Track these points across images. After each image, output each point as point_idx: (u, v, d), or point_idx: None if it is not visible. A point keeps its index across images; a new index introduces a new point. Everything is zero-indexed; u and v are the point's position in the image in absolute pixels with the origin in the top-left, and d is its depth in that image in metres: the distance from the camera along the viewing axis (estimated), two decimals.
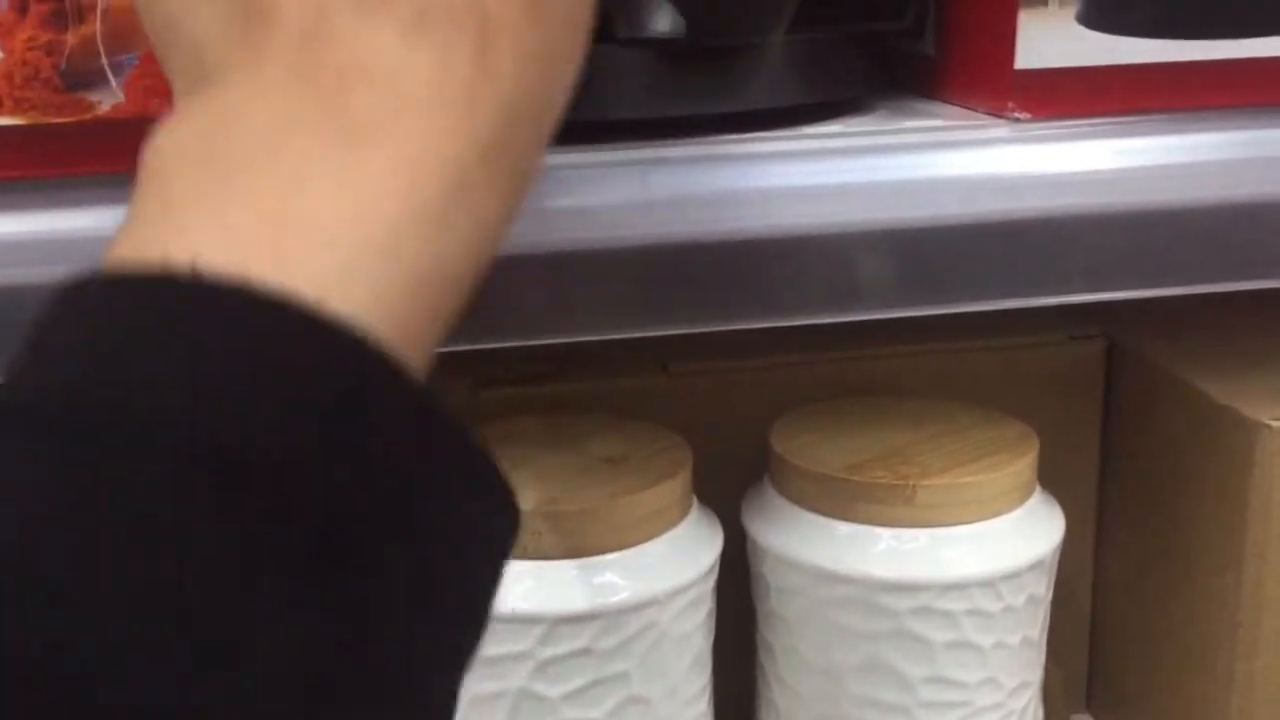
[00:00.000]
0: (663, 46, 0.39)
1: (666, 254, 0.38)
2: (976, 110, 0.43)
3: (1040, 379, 0.54)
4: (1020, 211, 0.40)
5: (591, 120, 0.38)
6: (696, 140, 0.40)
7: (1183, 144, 0.40)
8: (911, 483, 0.45)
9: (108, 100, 0.34)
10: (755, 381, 0.53)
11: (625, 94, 0.40)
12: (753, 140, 0.40)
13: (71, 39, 0.34)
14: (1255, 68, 0.40)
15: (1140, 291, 0.40)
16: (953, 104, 0.46)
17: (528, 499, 0.43)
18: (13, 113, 0.34)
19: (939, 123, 0.42)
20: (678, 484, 0.45)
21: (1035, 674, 0.48)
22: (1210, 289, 0.40)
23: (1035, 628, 0.47)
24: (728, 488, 0.50)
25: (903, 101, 0.48)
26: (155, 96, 0.34)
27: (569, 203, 0.37)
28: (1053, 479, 0.50)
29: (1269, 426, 0.46)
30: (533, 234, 0.36)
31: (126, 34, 0.34)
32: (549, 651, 0.42)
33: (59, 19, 0.34)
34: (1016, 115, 0.40)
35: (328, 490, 0.20)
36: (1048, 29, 0.39)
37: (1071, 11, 0.39)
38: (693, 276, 0.38)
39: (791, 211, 0.39)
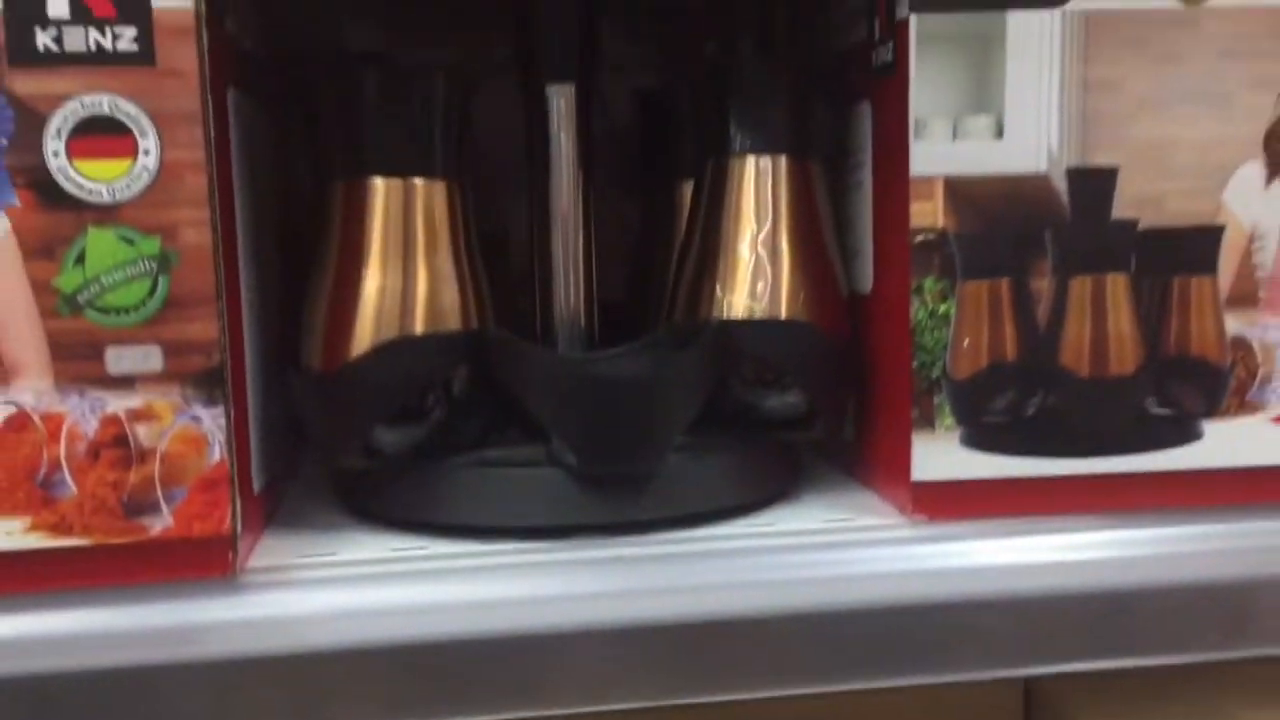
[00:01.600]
0: (579, 472, 0.48)
1: (611, 636, 0.45)
2: (888, 502, 0.51)
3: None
4: (919, 599, 0.47)
5: (530, 526, 0.47)
6: (631, 540, 0.48)
7: (1056, 543, 0.48)
8: None
9: (159, 525, 0.42)
10: None
11: (554, 505, 0.48)
12: (679, 540, 0.47)
13: (134, 478, 0.42)
14: (1105, 481, 0.48)
15: (1021, 670, 0.47)
16: (872, 489, 0.54)
17: None
18: (80, 535, 0.42)
19: (852, 520, 0.50)
20: None
21: None
22: (1079, 668, 0.47)
23: None
24: None
25: (833, 482, 0.56)
26: (198, 520, 0.42)
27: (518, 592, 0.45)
28: None
29: None
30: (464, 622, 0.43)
31: (178, 472, 0.42)
32: None
33: (125, 462, 0.42)
34: (916, 517, 0.48)
35: None
36: (938, 449, 0.48)
37: (956, 435, 0.48)
38: (644, 656, 0.45)
39: (719, 599, 0.46)
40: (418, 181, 0.49)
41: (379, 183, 0.48)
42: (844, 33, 0.54)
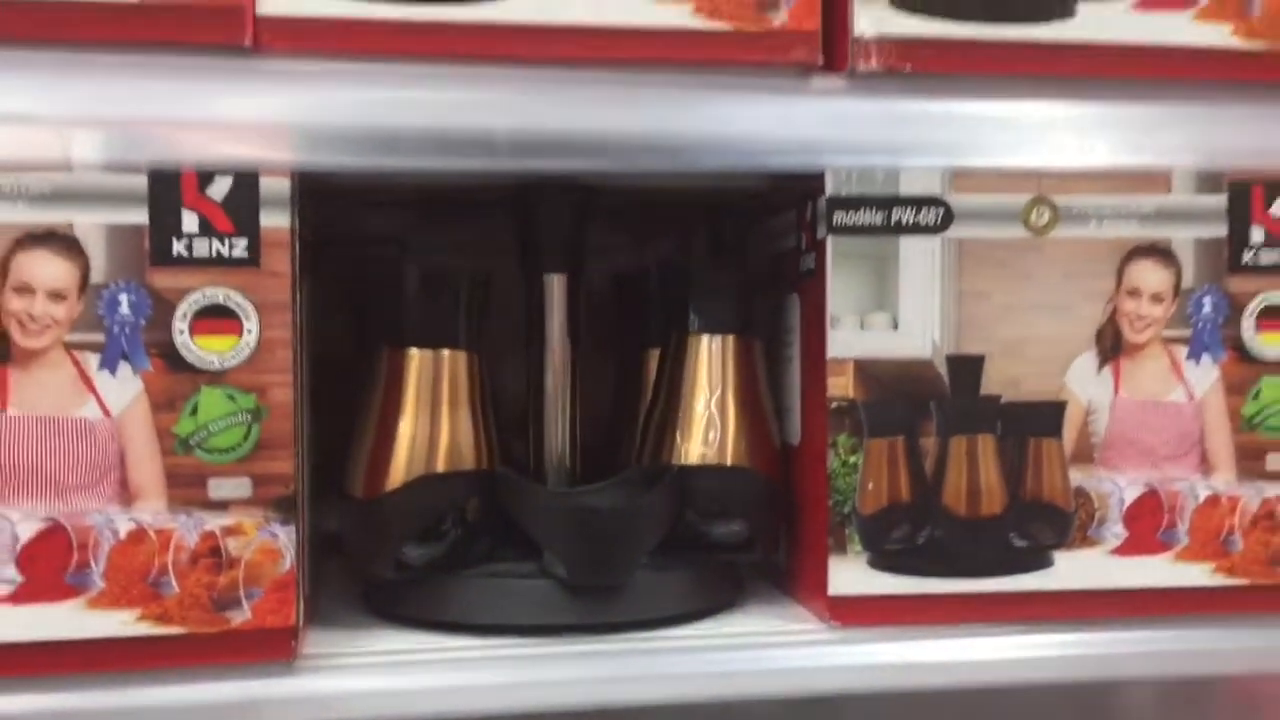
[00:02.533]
0: (567, 582, 0.60)
1: (591, 715, 0.57)
2: (811, 611, 0.63)
3: None
4: (836, 689, 0.59)
5: (527, 625, 0.58)
6: (607, 638, 0.60)
7: (942, 646, 0.60)
8: None
9: (239, 618, 0.54)
10: None
11: (546, 609, 0.60)
12: (646, 639, 0.60)
13: (223, 580, 0.53)
14: (978, 598, 0.61)
15: None
16: (798, 601, 0.66)
17: None
18: (179, 625, 0.53)
19: (783, 626, 0.62)
20: None
21: None
22: None
23: None
24: None
25: (767, 595, 0.68)
26: (270, 615, 0.54)
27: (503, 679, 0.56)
28: None
29: None
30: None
31: (257, 576, 0.54)
32: None
33: (217, 568, 0.53)
34: (833, 624, 0.60)
35: None
36: (850, 569, 0.60)
37: (864, 558, 0.60)
38: None
39: (678, 687, 0.58)
40: (445, 352, 0.62)
41: (415, 352, 0.62)
42: (777, 241, 0.69)
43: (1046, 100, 0.61)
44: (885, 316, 0.61)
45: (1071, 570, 0.62)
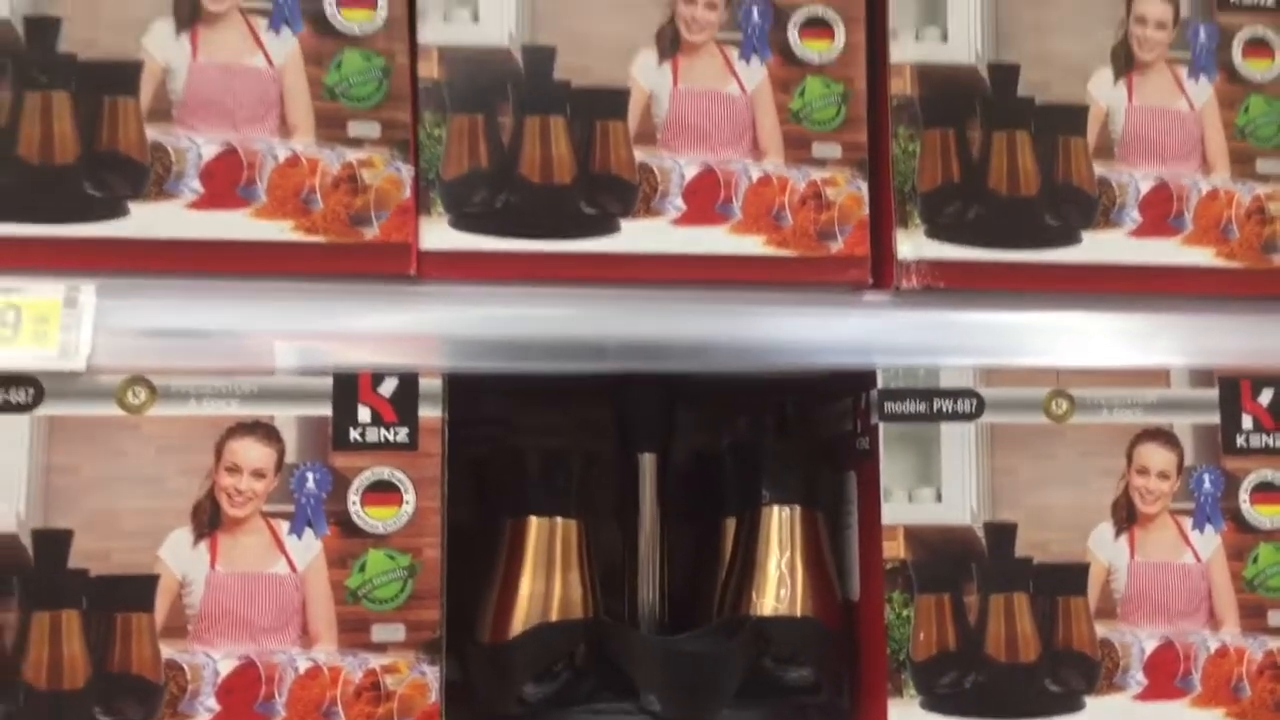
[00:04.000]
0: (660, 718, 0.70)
1: None
2: None
3: None
4: None
5: None
6: None
7: None
8: None
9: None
10: None
11: None
12: None
13: (380, 711, 0.64)
14: None
15: None
16: None
17: None
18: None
19: None
20: None
21: None
22: None
23: None
24: None
25: None
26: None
27: None
28: None
29: None
30: None
31: (409, 708, 0.64)
32: None
33: (376, 700, 0.64)
34: None
35: None
36: (905, 711, 0.70)
37: (918, 700, 0.70)
38: None
39: None
40: (558, 520, 0.73)
41: (534, 520, 0.73)
42: (835, 424, 0.80)
43: (1061, 311, 0.73)
44: (930, 490, 0.72)
45: (1101, 714, 0.71)
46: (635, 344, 0.71)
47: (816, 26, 0.74)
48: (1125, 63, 0.76)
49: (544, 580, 0.73)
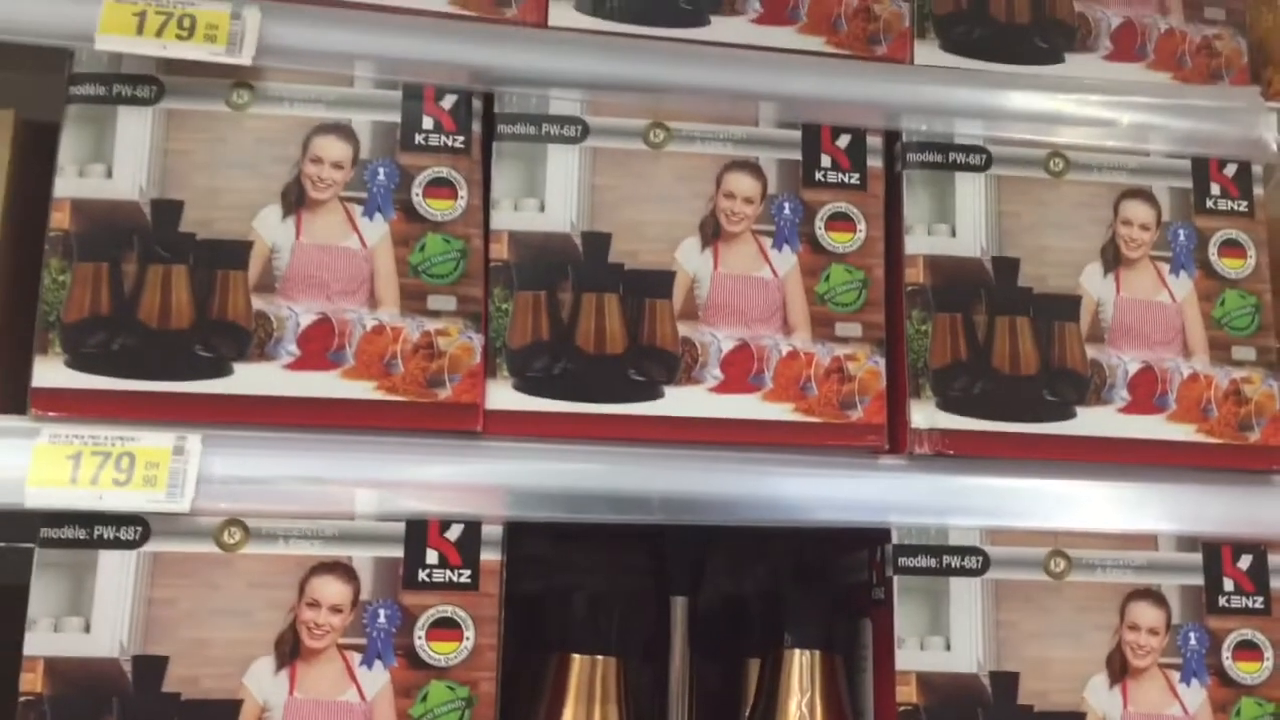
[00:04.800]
0: None
1: None
2: None
3: None
4: None
5: None
6: None
7: None
8: None
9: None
10: None
11: None
12: None
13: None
14: None
15: None
16: None
17: None
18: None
19: None
20: None
21: None
22: None
23: None
24: None
25: None
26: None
27: None
28: None
29: None
30: None
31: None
32: None
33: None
34: None
35: None
36: None
37: None
38: None
39: None
40: (599, 658, 0.80)
41: (577, 658, 0.80)
42: (852, 574, 0.87)
43: (1059, 479, 0.81)
44: (940, 639, 0.79)
45: None
46: (675, 498, 0.78)
47: (841, 220, 0.84)
48: (1113, 259, 0.86)
49: (585, 714, 0.79)
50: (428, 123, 0.80)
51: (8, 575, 0.86)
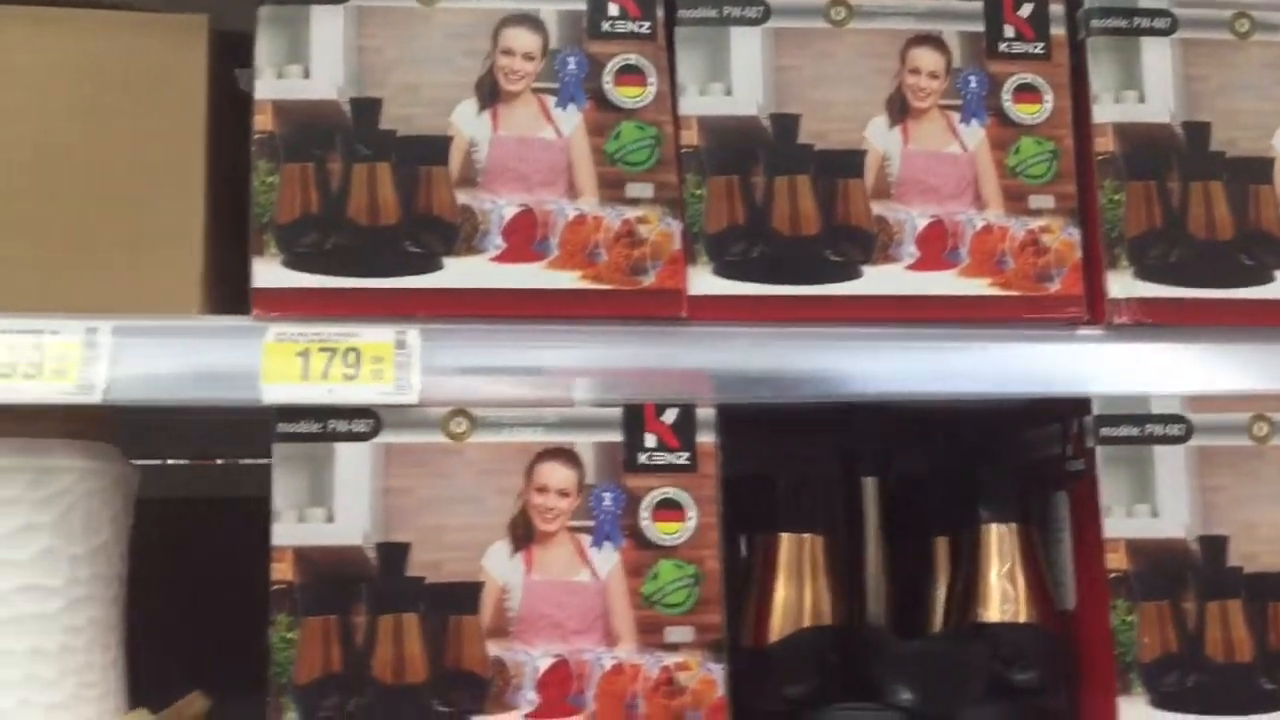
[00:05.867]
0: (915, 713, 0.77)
1: None
2: None
3: None
4: None
5: None
6: None
7: None
8: None
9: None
10: None
11: None
12: None
13: (674, 704, 0.72)
14: None
15: None
16: None
17: None
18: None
19: None
20: None
21: None
22: None
23: None
24: None
25: None
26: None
27: None
28: None
29: None
30: None
31: (700, 701, 0.72)
32: None
33: (670, 694, 0.72)
34: None
35: None
36: (1136, 709, 0.76)
37: (1146, 699, 0.76)
38: None
39: None
40: (805, 535, 0.81)
41: (785, 536, 0.81)
42: (1040, 448, 0.88)
43: (1258, 343, 0.80)
44: (1146, 507, 0.79)
45: None
46: (875, 377, 0.79)
47: (1027, 92, 0.83)
48: (900, 110, 0.81)
49: (796, 590, 0.81)
50: (613, 9, 0.80)
51: (249, 488, 0.86)
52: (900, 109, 0.82)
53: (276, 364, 0.72)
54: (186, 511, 0.99)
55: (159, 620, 0.84)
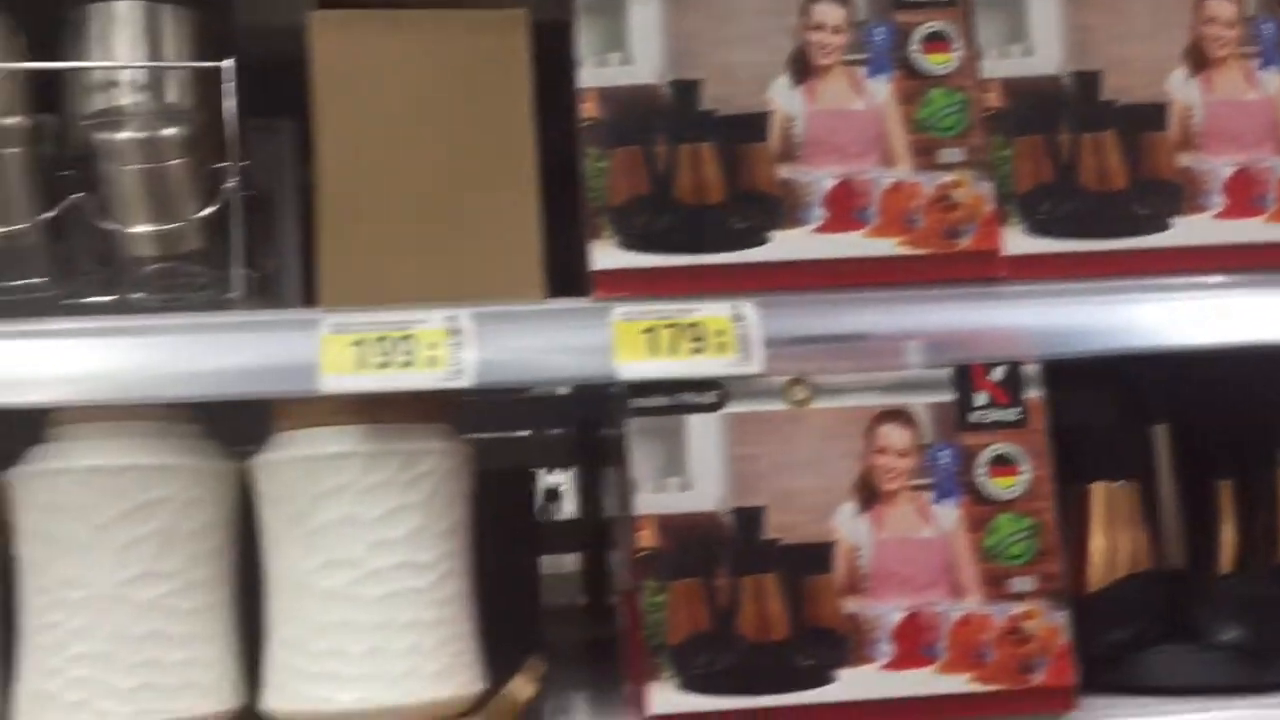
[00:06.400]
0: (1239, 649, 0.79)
1: None
2: None
3: None
4: None
5: (1210, 685, 0.77)
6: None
7: None
8: None
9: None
10: None
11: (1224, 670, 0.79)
12: None
13: (1021, 651, 0.75)
14: None
15: None
16: None
17: None
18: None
19: None
20: None
21: None
22: None
23: None
24: None
25: None
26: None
27: None
28: None
29: None
30: None
31: (1045, 647, 0.75)
32: None
33: (1018, 643, 0.75)
34: None
35: None
36: None
37: None
38: None
39: None
40: (1118, 484, 0.84)
41: (1097, 486, 0.84)
42: None
43: None
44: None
45: None
46: (1185, 324, 0.80)
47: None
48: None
49: (1113, 538, 0.83)
50: None
51: (503, 460, 0.92)
52: (1198, 61, 0.83)
53: (626, 342, 0.75)
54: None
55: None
